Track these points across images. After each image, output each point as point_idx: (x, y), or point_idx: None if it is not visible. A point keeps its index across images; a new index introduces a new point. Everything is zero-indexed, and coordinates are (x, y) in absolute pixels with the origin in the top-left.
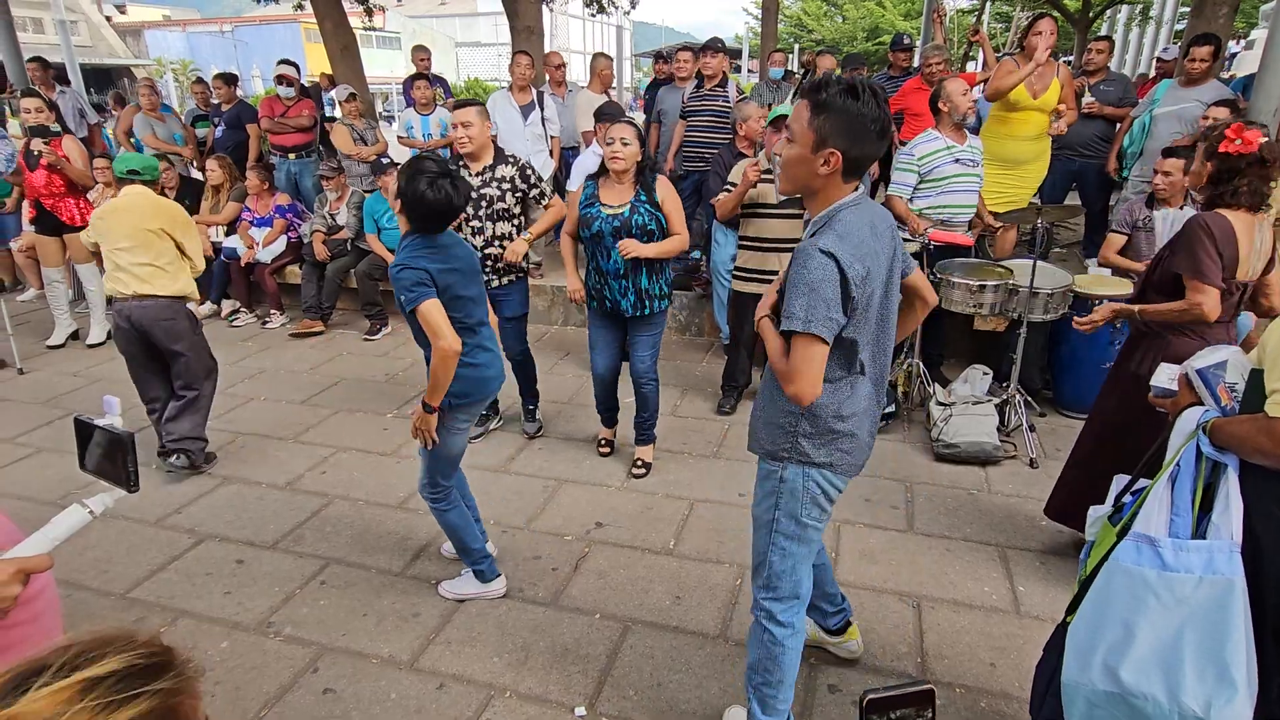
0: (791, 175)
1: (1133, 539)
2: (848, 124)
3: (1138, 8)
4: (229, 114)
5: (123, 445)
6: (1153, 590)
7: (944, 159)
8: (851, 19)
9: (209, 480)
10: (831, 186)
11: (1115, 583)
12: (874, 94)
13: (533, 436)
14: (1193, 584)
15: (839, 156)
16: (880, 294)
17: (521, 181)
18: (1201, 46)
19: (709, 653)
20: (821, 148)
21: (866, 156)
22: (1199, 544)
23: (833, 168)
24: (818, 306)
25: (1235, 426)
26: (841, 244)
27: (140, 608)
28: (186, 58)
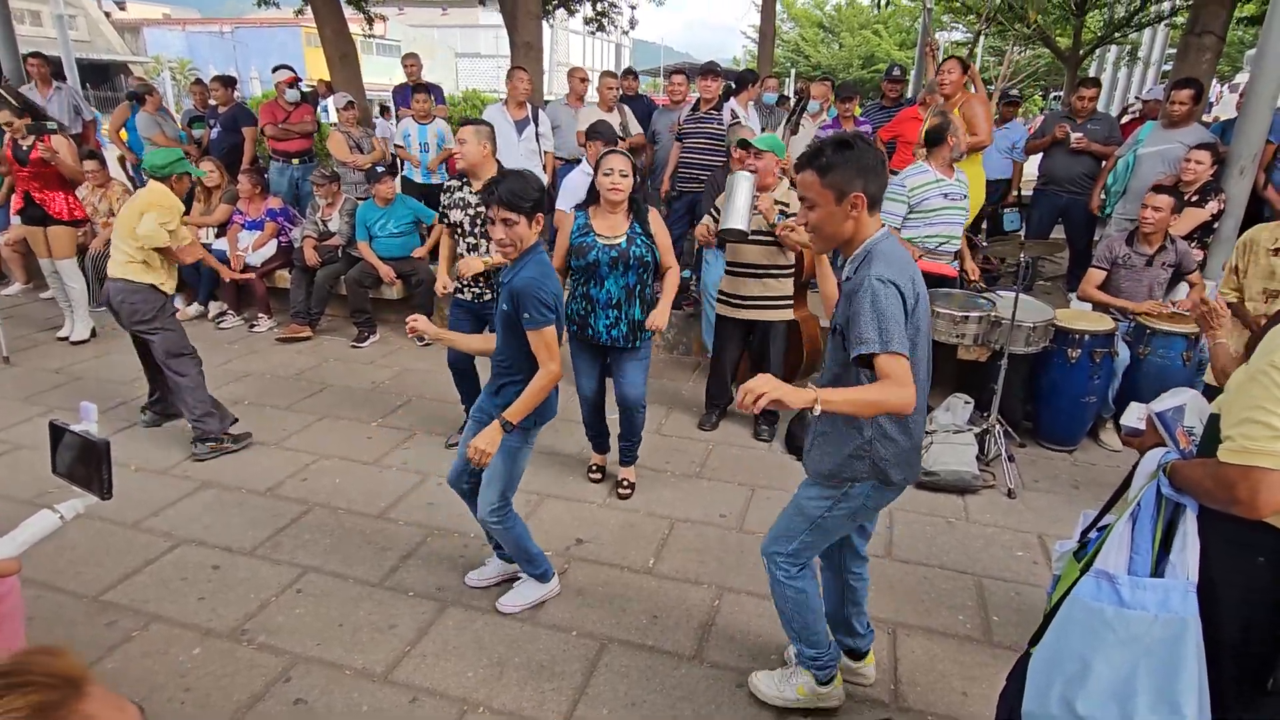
0: (825, 235)
1: (1093, 575)
2: (856, 168)
3: (1126, 48)
4: (225, 116)
5: (98, 452)
6: (1110, 626)
7: (933, 191)
8: (848, 46)
9: (188, 483)
10: (862, 226)
11: (1074, 617)
12: (863, 139)
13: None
14: (1148, 622)
15: (863, 197)
16: (925, 319)
17: None
18: (1182, 90)
19: (684, 673)
20: (844, 197)
21: (882, 189)
22: (1155, 582)
23: (861, 209)
24: (890, 328)
25: (1189, 470)
26: (891, 269)
27: (112, 611)
28: (185, 57)
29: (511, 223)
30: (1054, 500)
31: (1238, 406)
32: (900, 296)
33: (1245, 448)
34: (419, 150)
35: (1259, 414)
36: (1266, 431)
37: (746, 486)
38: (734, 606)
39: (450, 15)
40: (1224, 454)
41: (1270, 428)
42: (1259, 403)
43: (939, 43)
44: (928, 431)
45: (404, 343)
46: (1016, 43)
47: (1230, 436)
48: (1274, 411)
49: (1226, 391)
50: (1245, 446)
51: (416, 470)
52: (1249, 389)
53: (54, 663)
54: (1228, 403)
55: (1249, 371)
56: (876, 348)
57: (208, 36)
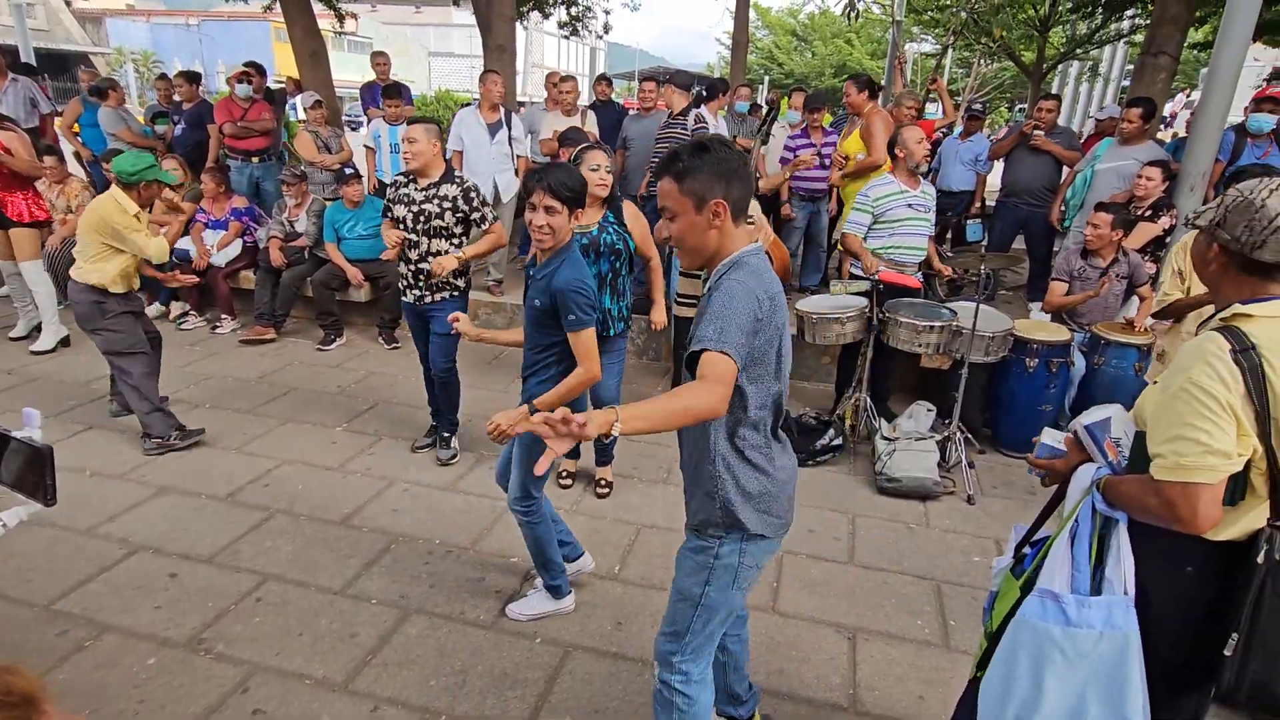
0: (689, 248)
1: (1038, 595)
2: (714, 173)
3: (1087, 65)
4: (190, 113)
5: (42, 458)
6: (1058, 646)
7: (897, 202)
8: (820, 55)
9: (145, 488)
10: (727, 238)
11: (1022, 638)
12: (722, 143)
13: (445, 464)
14: (1094, 639)
15: (724, 203)
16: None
17: (464, 203)
18: (1134, 109)
19: (647, 680)
20: (704, 205)
21: (745, 195)
22: (1099, 600)
23: (723, 217)
24: (729, 329)
25: (1125, 486)
26: (753, 279)
27: (64, 620)
28: (149, 49)
29: (554, 210)
30: (1011, 506)
31: (1164, 424)
32: (755, 302)
33: (1180, 464)
34: (389, 151)
35: (1188, 430)
36: (1198, 447)
37: None
38: None
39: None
40: (1159, 472)
41: (1201, 443)
42: (1186, 419)
43: (907, 55)
44: (891, 439)
45: (371, 346)
46: (983, 56)
47: (1161, 454)
48: (1202, 428)
49: (1141, 407)
50: (1180, 463)
51: (382, 475)
52: (1173, 406)
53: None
54: (1152, 420)
55: (1168, 390)
56: (710, 345)
57: (173, 29)
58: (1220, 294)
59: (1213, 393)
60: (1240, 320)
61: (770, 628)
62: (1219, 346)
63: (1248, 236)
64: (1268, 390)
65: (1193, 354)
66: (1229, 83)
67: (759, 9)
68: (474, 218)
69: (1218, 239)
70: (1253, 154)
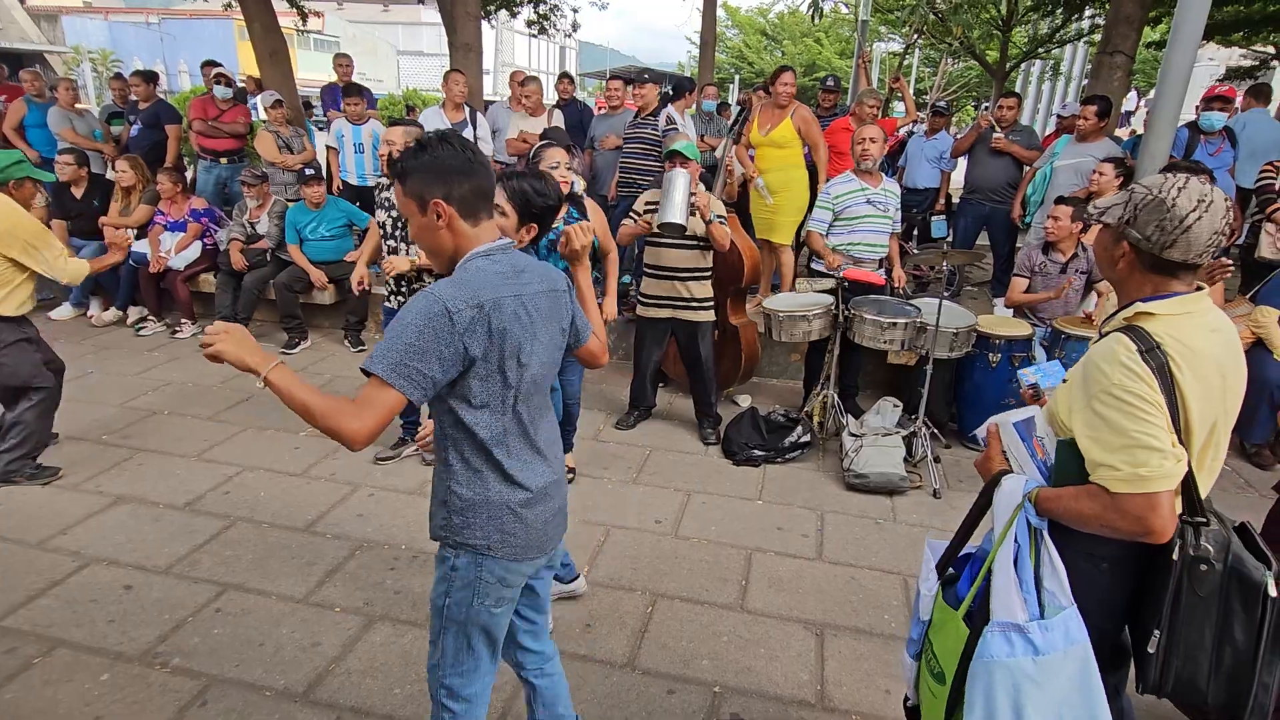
0: (428, 249)
1: (1000, 631)
2: (431, 172)
3: (1049, 64)
4: (146, 113)
5: None
6: (1031, 678)
7: (857, 199)
8: (790, 54)
9: (100, 499)
10: (461, 238)
11: (996, 680)
12: (446, 140)
13: (428, 464)
14: (1060, 659)
15: (443, 203)
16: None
17: None
18: (1089, 106)
19: (615, 681)
20: (426, 206)
21: (474, 192)
22: (1056, 620)
23: (446, 216)
24: (394, 350)
25: (1074, 503)
26: (458, 288)
27: (12, 637)
28: (107, 47)
29: (500, 211)
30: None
31: (1104, 433)
32: (446, 317)
33: (1140, 475)
34: (353, 151)
35: (1138, 438)
36: (1155, 455)
37: (682, 492)
38: (667, 612)
39: (392, 11)
40: (1118, 484)
41: (1156, 450)
42: (1128, 428)
43: (872, 54)
44: (858, 435)
45: (336, 349)
46: (948, 56)
47: (1113, 465)
48: (1150, 433)
49: (1054, 410)
50: (1139, 474)
51: (346, 481)
52: (1106, 415)
53: None
54: (1085, 430)
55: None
56: (371, 365)
57: (133, 27)
58: (1124, 291)
59: (1141, 394)
60: (1142, 319)
61: (738, 625)
62: (1127, 348)
63: (1159, 236)
64: (1175, 389)
65: (1105, 358)
66: (1181, 81)
67: (728, 8)
68: None
69: (1127, 237)
70: (1205, 150)
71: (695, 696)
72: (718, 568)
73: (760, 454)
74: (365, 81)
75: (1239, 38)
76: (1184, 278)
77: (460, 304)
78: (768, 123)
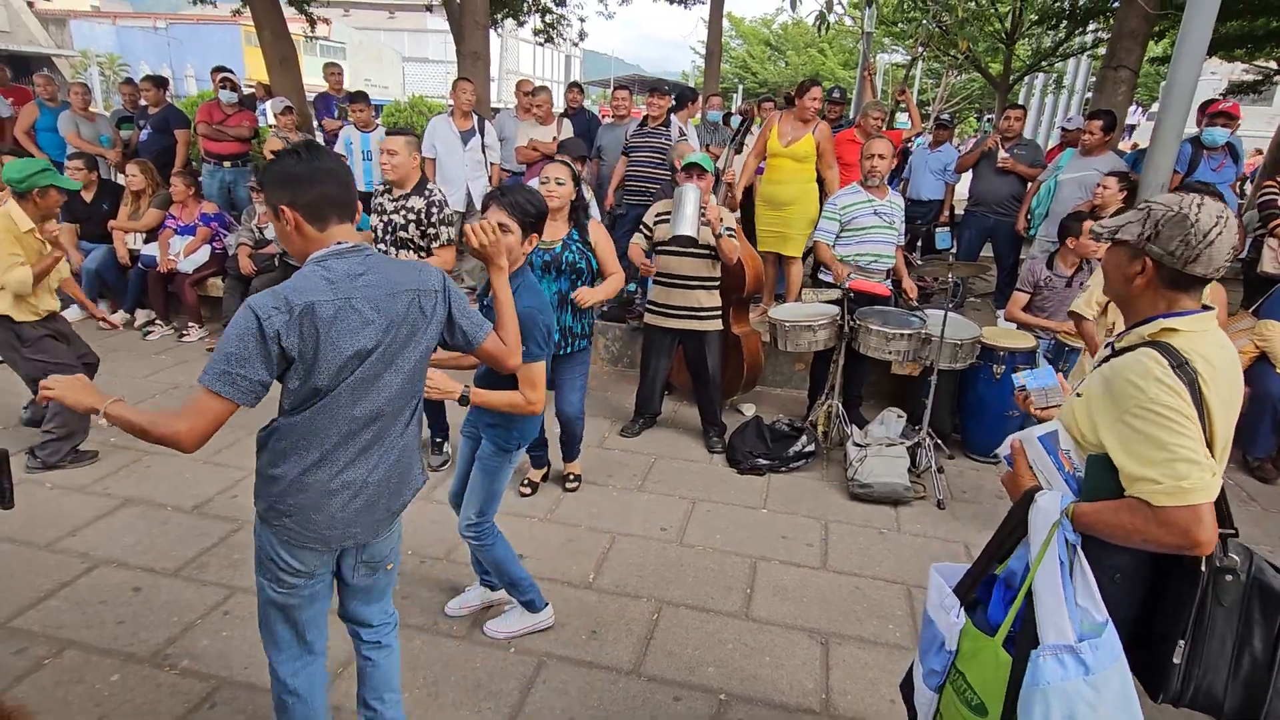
0: (291, 252)
1: (1053, 655)
2: (279, 181)
3: (1053, 76)
4: (156, 117)
5: None
6: (1086, 700)
7: (864, 210)
8: (794, 65)
9: (108, 501)
10: (307, 240)
11: (1052, 706)
12: (294, 150)
13: (436, 469)
14: (1108, 676)
15: (287, 209)
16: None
17: (425, 217)
18: (1094, 121)
19: (622, 688)
20: (278, 211)
21: (320, 199)
22: (1101, 639)
23: (293, 222)
24: (217, 360)
25: (1113, 517)
26: (274, 295)
27: (23, 638)
28: (115, 52)
29: (506, 229)
30: (980, 510)
31: (1141, 447)
32: (256, 325)
33: (1182, 488)
34: (362, 159)
35: (1177, 451)
36: (1196, 468)
37: (687, 500)
38: (673, 620)
39: (398, 19)
40: (1161, 498)
41: (1197, 463)
42: (1167, 441)
43: (878, 66)
44: (862, 445)
45: None
46: (951, 68)
47: (1154, 479)
48: (1189, 446)
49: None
50: (1182, 487)
51: None
52: (1143, 429)
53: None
54: (1119, 445)
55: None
56: (202, 377)
57: (141, 32)
58: (1135, 308)
59: (1178, 408)
60: (1168, 335)
61: (743, 633)
62: (1159, 363)
63: (1183, 251)
64: (1204, 404)
65: (1139, 374)
66: (1186, 96)
67: (732, 19)
68: (429, 233)
69: (1149, 253)
70: (1208, 166)
71: (701, 703)
72: (723, 575)
73: (765, 463)
74: (371, 88)
75: (1241, 53)
76: (1194, 294)
77: (269, 310)
78: (789, 134)
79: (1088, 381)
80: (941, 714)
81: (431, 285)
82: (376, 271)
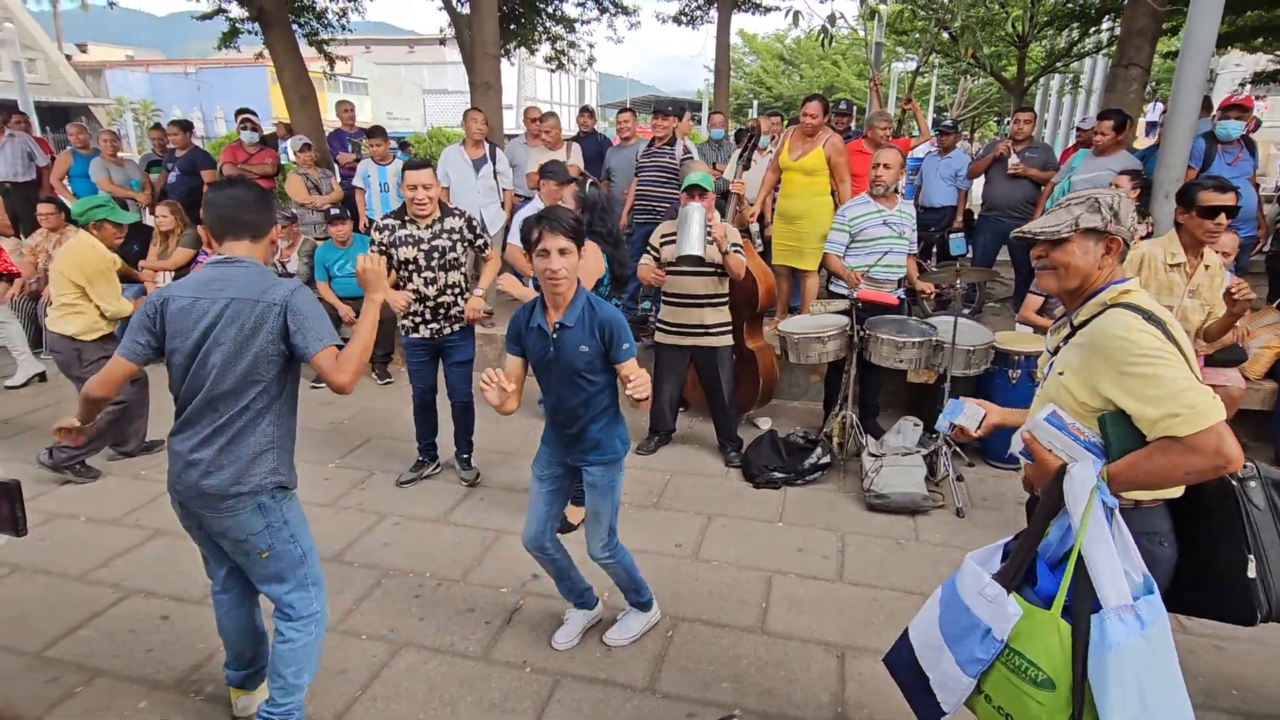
0: None
1: (1115, 616)
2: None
3: (1069, 77)
4: (183, 159)
5: (8, 491)
6: (1145, 656)
7: (873, 221)
8: (808, 77)
9: (139, 532)
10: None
11: (1125, 665)
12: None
13: (472, 484)
14: (1158, 630)
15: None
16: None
17: (469, 232)
18: (1105, 120)
19: (636, 705)
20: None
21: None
22: (1151, 597)
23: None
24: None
25: (1148, 463)
26: (159, 289)
27: (55, 667)
28: (148, 98)
29: (567, 251)
30: (1001, 517)
31: (1153, 390)
32: (144, 306)
33: (1199, 411)
34: (379, 191)
35: (1182, 383)
36: (1199, 393)
37: (703, 515)
38: (687, 636)
39: (417, 53)
40: (1184, 428)
41: (1198, 389)
42: (1170, 377)
43: (891, 74)
44: (878, 455)
45: (363, 382)
46: (966, 74)
47: (1175, 413)
48: (1188, 375)
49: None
50: (1198, 410)
51: (374, 510)
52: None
53: None
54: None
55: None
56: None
57: (172, 78)
58: (1088, 287)
59: (1164, 347)
60: (1125, 296)
61: (759, 648)
62: (1134, 317)
63: (1131, 224)
64: (1177, 344)
65: (1122, 329)
66: (1196, 90)
67: (745, 35)
68: (478, 244)
69: (1116, 233)
70: (1223, 160)
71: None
72: (738, 590)
73: (780, 476)
74: (392, 121)
75: (1260, 43)
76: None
77: (151, 298)
78: (798, 148)
79: (1062, 359)
80: (988, 695)
81: (271, 299)
82: (223, 279)
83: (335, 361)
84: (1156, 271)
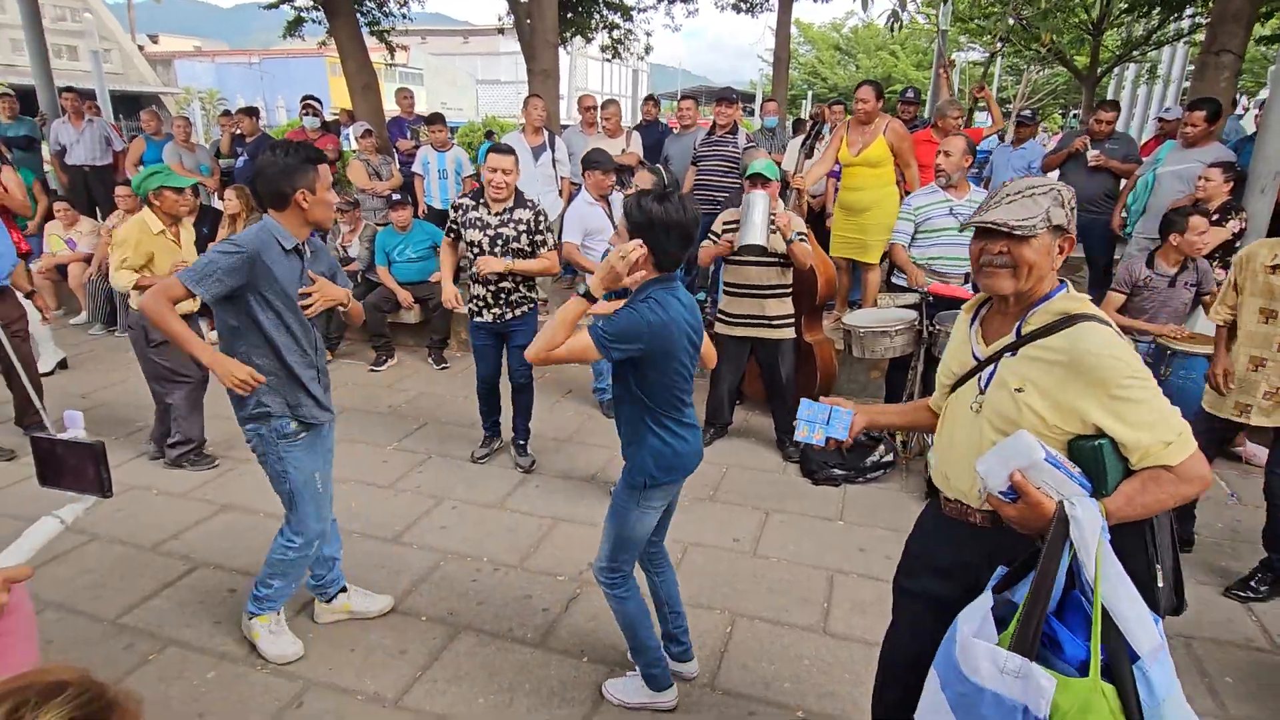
0: None
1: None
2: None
3: (1145, 66)
4: (251, 145)
5: (94, 453)
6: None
7: (940, 210)
8: (865, 68)
9: (208, 506)
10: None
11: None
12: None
13: (528, 471)
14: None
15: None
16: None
17: (534, 225)
18: (1196, 111)
19: (695, 700)
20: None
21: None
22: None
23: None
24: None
25: (1143, 496)
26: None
27: (129, 634)
28: (214, 87)
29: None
30: None
31: (1146, 414)
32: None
33: (1184, 436)
34: (438, 177)
35: (1166, 406)
36: (1176, 415)
37: (760, 510)
38: (747, 632)
39: (471, 43)
40: (1176, 455)
41: (1176, 411)
42: (1158, 401)
43: (954, 63)
44: None
45: (421, 366)
46: (1033, 63)
47: (1163, 440)
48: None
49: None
50: (1184, 435)
51: (431, 494)
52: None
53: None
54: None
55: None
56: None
57: (237, 68)
58: (1040, 289)
59: (1146, 370)
60: (1086, 305)
61: (820, 648)
62: (1111, 332)
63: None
64: None
65: (1113, 347)
66: None
67: (801, 25)
68: (537, 239)
69: (1071, 231)
70: None
71: (777, 719)
72: (798, 588)
73: (840, 473)
74: (447, 110)
75: None
76: None
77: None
78: (857, 141)
79: (1014, 374)
80: None
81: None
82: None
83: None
84: (1255, 274)
